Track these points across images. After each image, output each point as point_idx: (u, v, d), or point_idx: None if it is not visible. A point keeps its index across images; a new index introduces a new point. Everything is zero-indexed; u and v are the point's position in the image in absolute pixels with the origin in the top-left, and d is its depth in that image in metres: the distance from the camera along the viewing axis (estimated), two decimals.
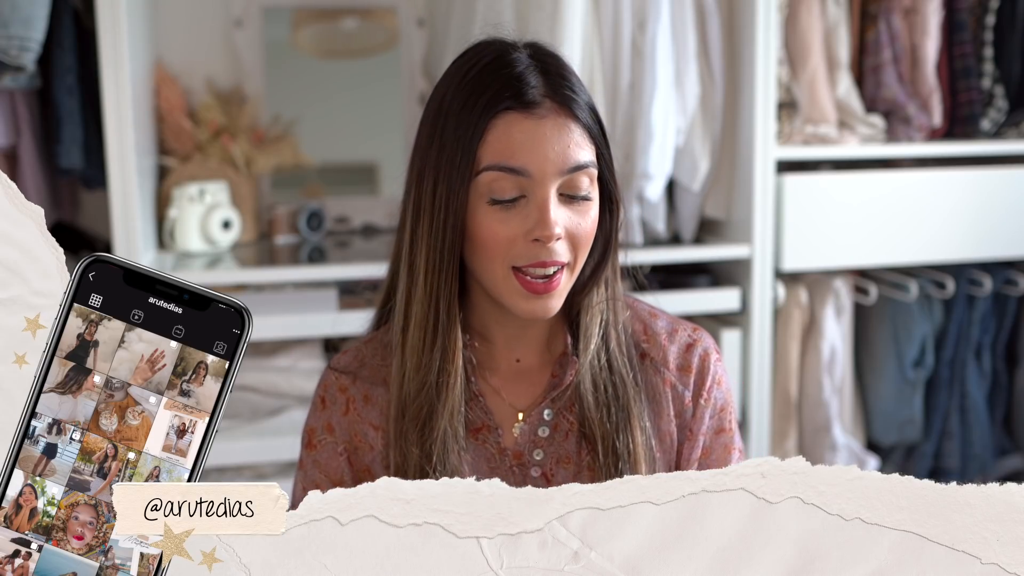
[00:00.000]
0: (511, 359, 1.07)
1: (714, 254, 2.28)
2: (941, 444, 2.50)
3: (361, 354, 1.09)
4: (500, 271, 0.98)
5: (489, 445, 1.04)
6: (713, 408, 1.06)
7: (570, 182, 0.97)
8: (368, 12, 2.55)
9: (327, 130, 2.53)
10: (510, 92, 0.96)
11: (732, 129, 2.28)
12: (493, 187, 0.96)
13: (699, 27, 2.21)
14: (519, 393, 1.06)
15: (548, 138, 0.96)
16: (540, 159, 0.95)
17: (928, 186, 2.33)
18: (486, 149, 0.96)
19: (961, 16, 2.38)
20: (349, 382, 1.08)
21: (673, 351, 1.07)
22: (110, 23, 1.86)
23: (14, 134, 2.06)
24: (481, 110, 0.96)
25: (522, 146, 0.96)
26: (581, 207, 0.99)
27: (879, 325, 2.48)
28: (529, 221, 0.96)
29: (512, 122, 0.96)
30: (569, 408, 1.04)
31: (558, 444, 1.04)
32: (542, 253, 0.96)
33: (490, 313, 1.05)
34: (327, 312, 2.08)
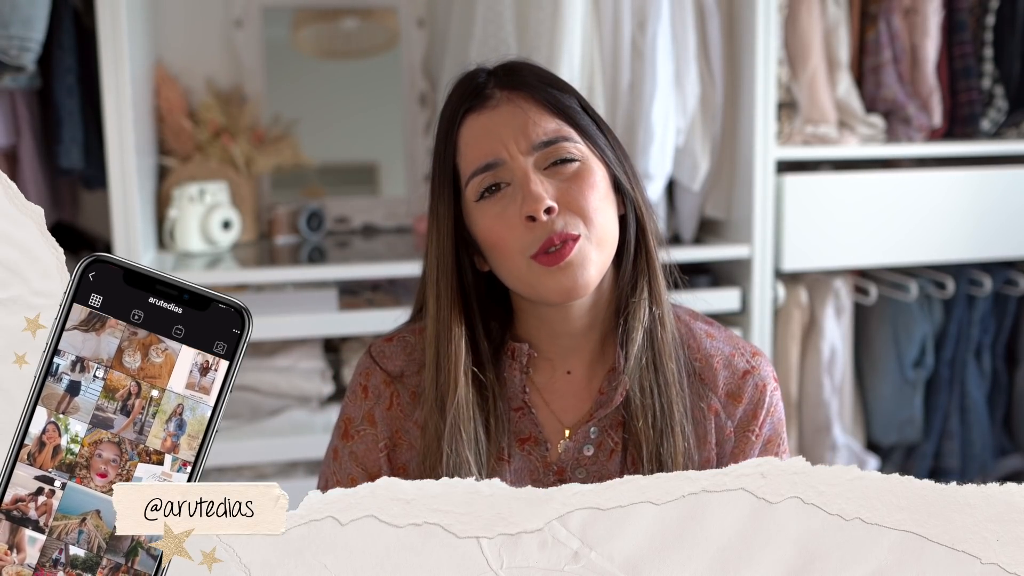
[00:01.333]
0: (563, 371, 1.05)
1: (714, 254, 2.28)
2: (941, 444, 2.50)
3: (408, 344, 1.08)
4: (521, 264, 0.98)
5: (534, 458, 1.03)
6: (763, 443, 1.04)
7: (545, 155, 0.99)
8: (368, 12, 2.55)
9: (327, 130, 2.53)
10: (467, 99, 1.02)
11: (732, 129, 2.28)
12: (478, 189, 1.00)
13: (699, 27, 2.21)
14: (567, 408, 1.04)
15: (505, 123, 0.99)
16: (503, 144, 0.98)
17: (928, 186, 2.33)
18: (461, 160, 1.01)
19: (961, 16, 2.38)
20: (397, 374, 1.07)
21: (724, 376, 1.05)
22: (110, 23, 1.86)
23: (14, 134, 2.06)
24: (448, 125, 1.02)
25: (485, 139, 0.99)
26: (569, 171, 0.99)
27: (879, 325, 2.48)
28: (519, 203, 0.97)
29: (472, 123, 1.01)
30: (615, 427, 1.02)
31: (601, 464, 1.02)
32: (546, 230, 0.96)
33: (539, 326, 1.04)
34: (327, 312, 2.08)
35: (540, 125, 0.99)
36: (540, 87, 1.01)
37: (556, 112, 1.00)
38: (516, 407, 1.04)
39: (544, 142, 0.99)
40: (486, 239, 1.00)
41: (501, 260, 0.99)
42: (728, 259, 2.29)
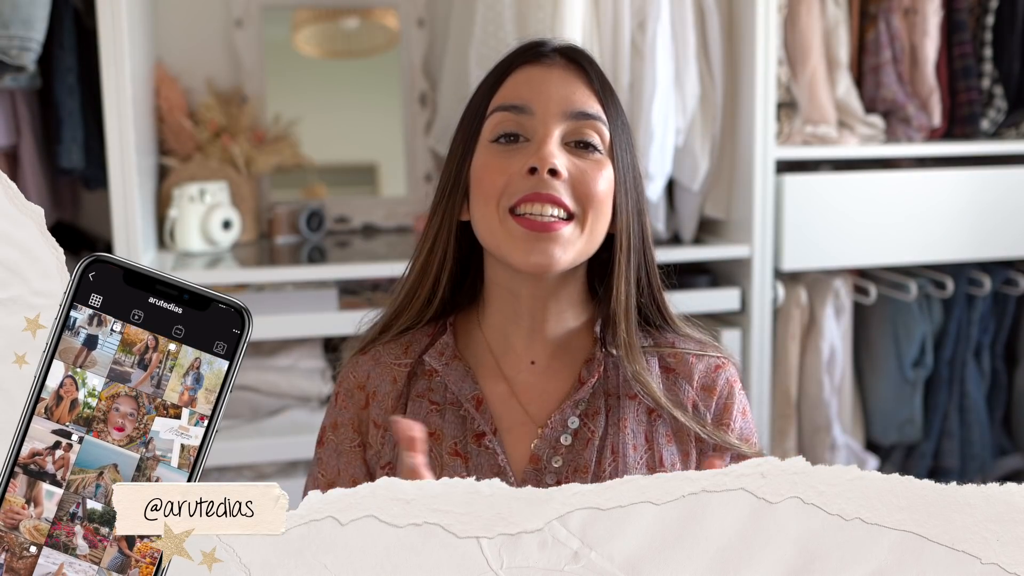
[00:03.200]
0: (526, 361, 1.03)
1: (714, 254, 2.28)
2: (941, 444, 2.50)
3: (378, 354, 1.07)
4: (497, 215, 0.96)
5: (490, 453, 1.00)
6: (739, 438, 1.03)
7: (576, 128, 0.98)
8: (368, 12, 2.55)
9: (327, 130, 2.53)
10: (526, 53, 1.01)
11: (732, 129, 2.28)
12: (497, 128, 0.98)
13: (699, 27, 2.21)
14: (533, 398, 1.02)
15: (553, 81, 0.98)
16: (544, 98, 0.97)
17: (928, 186, 2.34)
18: (496, 97, 1.00)
19: (961, 16, 2.38)
20: (365, 378, 1.06)
21: (700, 369, 1.04)
22: (110, 23, 1.86)
23: (14, 134, 2.06)
24: (500, 72, 1.01)
25: (526, 86, 0.99)
26: (590, 158, 0.98)
27: (879, 325, 2.48)
28: (529, 156, 0.96)
29: (522, 72, 1.00)
30: (593, 416, 1.00)
31: (577, 453, 1.00)
32: (538, 185, 0.94)
33: (504, 306, 1.03)
34: (327, 312, 2.08)
35: (584, 99, 0.98)
36: (598, 72, 1.01)
37: (602, 101, 1.00)
38: (470, 397, 1.02)
39: (583, 112, 0.98)
40: (477, 175, 0.98)
41: (482, 203, 0.97)
42: (728, 259, 2.29)
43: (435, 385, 1.03)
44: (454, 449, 1.00)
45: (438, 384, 1.03)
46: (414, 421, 0.82)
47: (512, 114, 0.98)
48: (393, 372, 1.05)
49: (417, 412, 1.02)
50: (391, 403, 1.03)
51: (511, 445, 1.01)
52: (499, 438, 1.00)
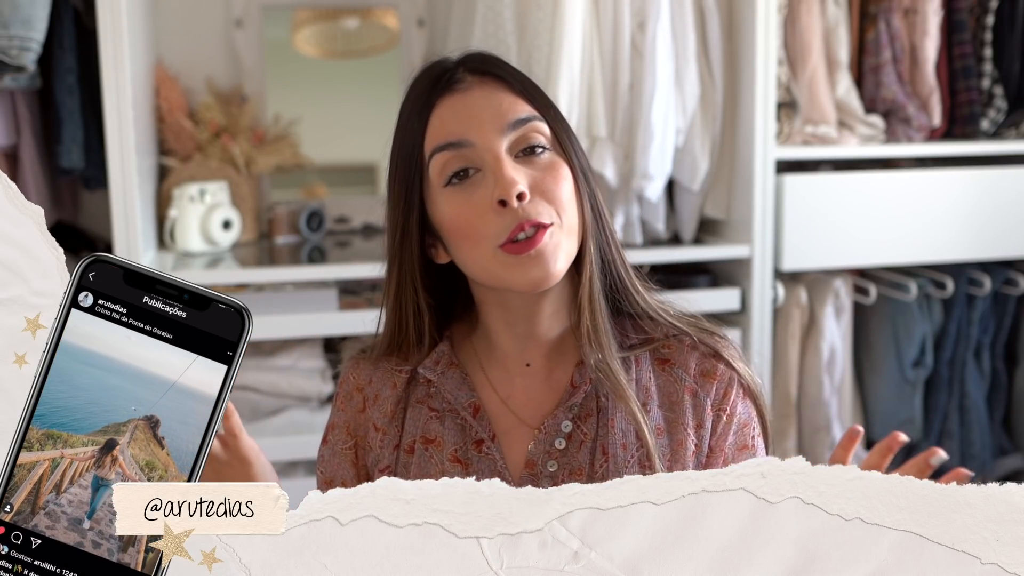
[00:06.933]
0: (521, 363, 1.04)
1: (714, 254, 2.28)
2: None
3: (379, 358, 1.08)
4: (487, 253, 0.95)
5: (490, 459, 1.00)
6: (737, 423, 1.02)
7: (519, 139, 0.97)
8: (368, 12, 2.55)
9: (327, 130, 2.53)
10: (438, 84, 1.00)
11: (732, 129, 2.28)
12: (444, 170, 0.97)
13: (699, 27, 2.21)
14: (527, 403, 1.02)
15: (477, 104, 0.97)
16: (476, 125, 0.96)
17: (928, 186, 2.34)
18: (428, 140, 0.98)
19: (961, 16, 2.38)
20: (366, 382, 1.07)
21: (695, 356, 1.03)
22: (110, 23, 1.86)
23: (14, 134, 2.06)
24: (420, 111, 0.99)
25: (454, 120, 0.97)
26: (542, 161, 0.97)
27: (879, 325, 2.48)
28: (490, 188, 0.95)
29: (443, 107, 0.98)
30: (586, 418, 1.00)
31: (571, 455, 1.00)
32: (516, 217, 0.93)
33: (499, 316, 1.03)
34: (327, 312, 2.08)
35: (513, 107, 0.97)
36: (512, 73, 1.00)
37: (529, 99, 0.99)
38: (468, 403, 1.02)
39: (517, 120, 0.97)
40: (452, 225, 0.97)
41: (468, 248, 0.97)
42: (728, 259, 2.29)
43: (434, 392, 1.04)
44: (454, 456, 1.01)
45: (436, 391, 1.04)
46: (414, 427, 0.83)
47: (452, 152, 0.96)
48: (393, 378, 1.05)
49: (416, 418, 1.03)
50: (391, 408, 1.04)
51: (508, 449, 1.01)
52: (497, 443, 1.01)
